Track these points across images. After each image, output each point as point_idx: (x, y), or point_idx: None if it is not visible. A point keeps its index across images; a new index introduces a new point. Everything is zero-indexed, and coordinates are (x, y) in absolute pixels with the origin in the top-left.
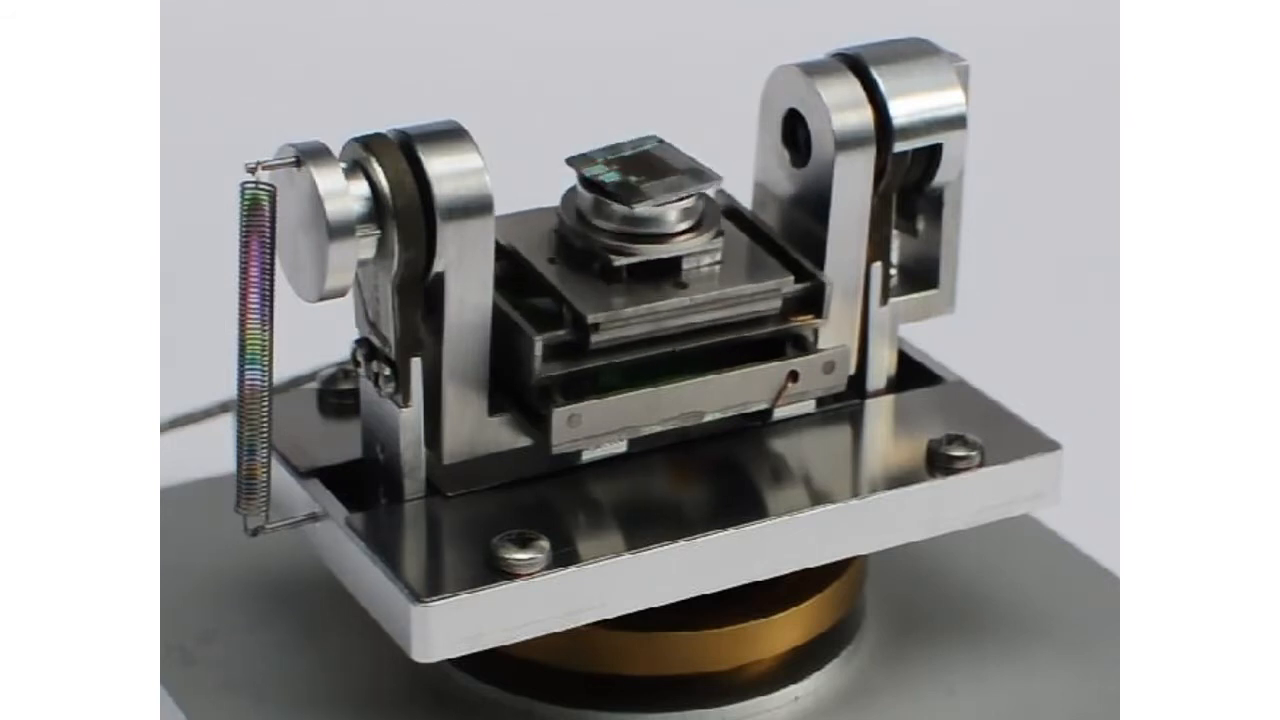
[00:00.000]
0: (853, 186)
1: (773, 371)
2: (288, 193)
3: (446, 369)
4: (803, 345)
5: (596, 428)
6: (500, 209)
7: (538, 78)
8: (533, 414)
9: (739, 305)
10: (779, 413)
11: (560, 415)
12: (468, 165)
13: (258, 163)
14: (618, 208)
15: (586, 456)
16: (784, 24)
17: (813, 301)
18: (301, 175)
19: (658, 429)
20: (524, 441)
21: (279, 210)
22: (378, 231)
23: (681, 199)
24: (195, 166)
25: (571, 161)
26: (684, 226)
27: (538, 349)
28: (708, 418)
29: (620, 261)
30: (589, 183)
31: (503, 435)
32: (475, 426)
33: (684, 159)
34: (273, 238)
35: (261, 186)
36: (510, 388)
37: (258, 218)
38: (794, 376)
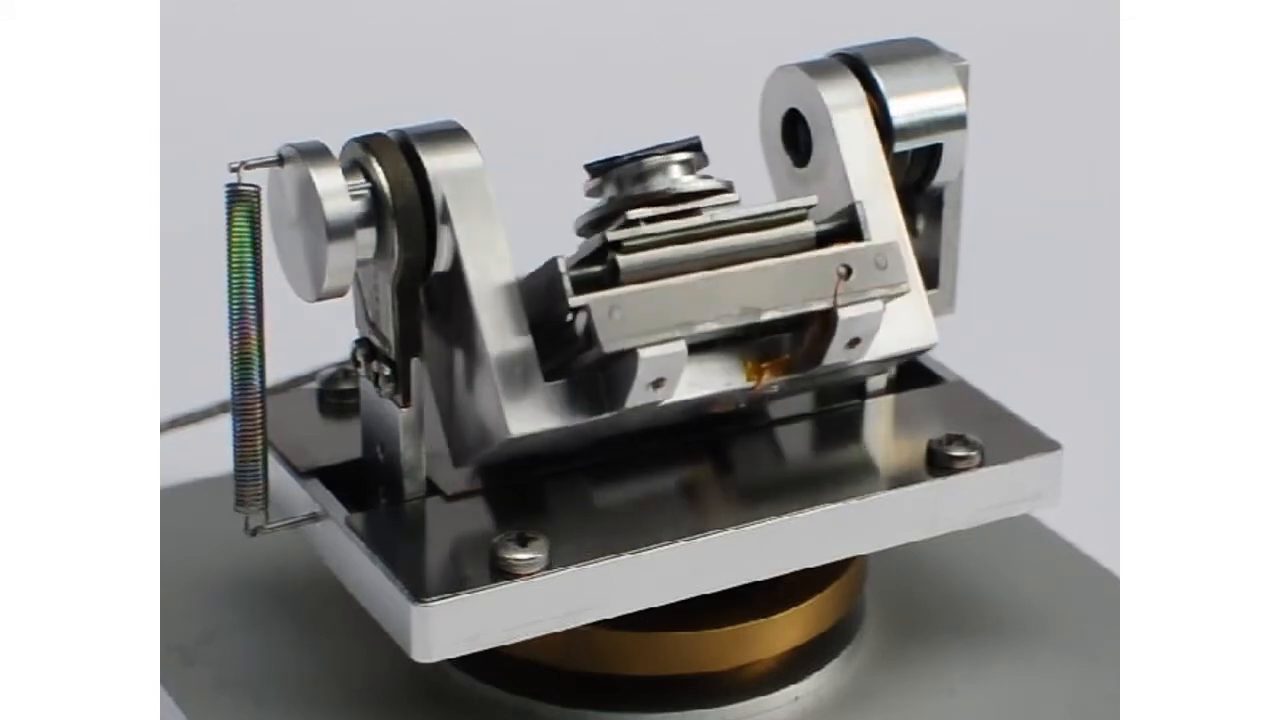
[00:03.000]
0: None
1: (822, 262)
2: (287, 192)
3: (490, 344)
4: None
5: (643, 321)
6: (500, 209)
7: (538, 77)
8: (580, 342)
9: (770, 230)
10: (844, 313)
11: (600, 303)
12: (468, 165)
13: (241, 162)
14: (626, 176)
15: (645, 364)
16: (784, 24)
17: (850, 229)
18: (300, 175)
19: (713, 326)
20: (592, 407)
21: (278, 210)
22: (377, 232)
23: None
24: (195, 166)
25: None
26: (694, 180)
27: (563, 266)
28: (765, 316)
29: (636, 214)
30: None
31: (568, 401)
32: (537, 394)
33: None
34: (259, 237)
35: (246, 186)
36: (558, 354)
37: (243, 217)
38: (845, 271)
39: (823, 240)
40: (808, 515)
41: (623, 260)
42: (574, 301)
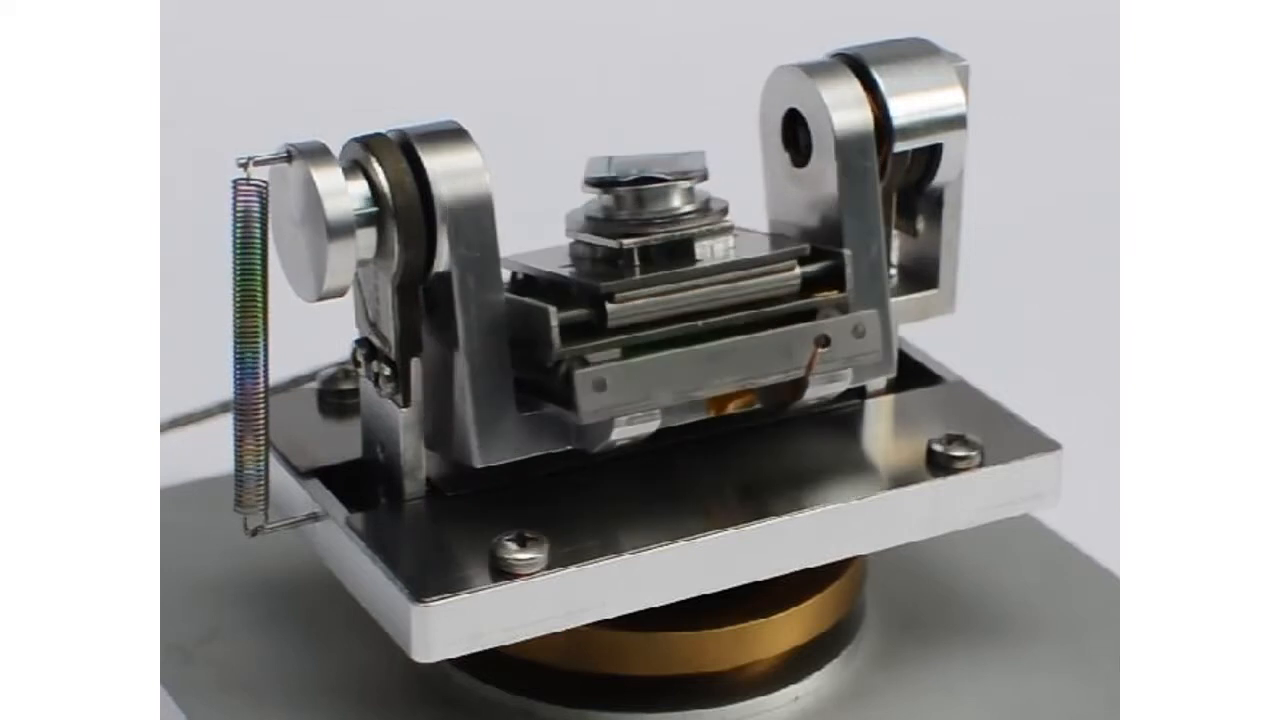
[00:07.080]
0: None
1: (801, 334)
2: (288, 192)
3: (470, 371)
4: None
5: (624, 394)
6: (500, 209)
7: (537, 77)
8: (559, 396)
9: (758, 278)
10: (813, 390)
11: (584, 378)
12: (468, 165)
13: (249, 158)
14: (625, 195)
15: (618, 433)
16: (784, 24)
17: (834, 277)
18: (301, 174)
19: (690, 398)
20: (561, 441)
21: (279, 210)
22: (377, 232)
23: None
24: (195, 166)
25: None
26: (691, 208)
27: (553, 320)
28: (741, 386)
29: (630, 243)
30: (596, 182)
31: (538, 433)
32: (509, 425)
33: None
34: (265, 234)
35: (253, 182)
36: (535, 387)
37: (250, 214)
38: (824, 341)
39: (807, 284)
40: (808, 515)
41: (612, 309)
42: (559, 353)
